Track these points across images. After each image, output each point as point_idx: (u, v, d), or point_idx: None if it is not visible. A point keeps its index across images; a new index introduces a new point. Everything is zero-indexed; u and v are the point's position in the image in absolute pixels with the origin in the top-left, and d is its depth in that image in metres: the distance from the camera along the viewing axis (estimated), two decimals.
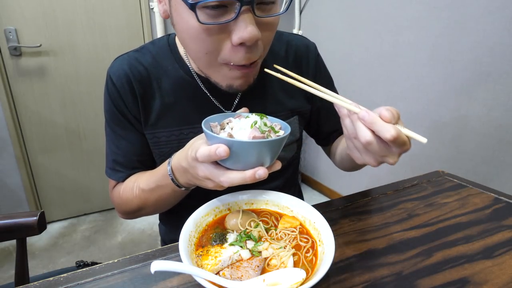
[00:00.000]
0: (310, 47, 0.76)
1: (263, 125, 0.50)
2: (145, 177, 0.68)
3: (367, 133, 0.43)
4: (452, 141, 1.53)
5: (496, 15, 1.27)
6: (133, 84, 0.66)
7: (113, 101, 0.67)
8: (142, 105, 0.67)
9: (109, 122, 0.71)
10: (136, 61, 0.67)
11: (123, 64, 0.67)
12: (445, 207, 0.67)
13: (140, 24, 2.09)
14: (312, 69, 0.75)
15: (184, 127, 0.68)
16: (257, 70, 0.60)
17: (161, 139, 0.69)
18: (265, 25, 0.53)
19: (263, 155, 0.47)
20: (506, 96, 1.30)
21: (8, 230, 0.73)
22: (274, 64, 0.67)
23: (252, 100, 0.70)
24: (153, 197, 0.66)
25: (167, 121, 0.68)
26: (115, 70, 0.67)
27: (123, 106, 0.67)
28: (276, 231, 0.52)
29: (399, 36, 1.68)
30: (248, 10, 0.48)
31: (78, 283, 0.49)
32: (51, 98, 1.99)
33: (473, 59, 1.38)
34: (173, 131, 0.68)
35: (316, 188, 2.58)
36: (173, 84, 0.67)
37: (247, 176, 0.47)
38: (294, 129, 0.75)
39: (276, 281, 0.42)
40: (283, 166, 0.76)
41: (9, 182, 2.03)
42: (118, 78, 0.66)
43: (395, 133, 0.41)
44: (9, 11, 1.78)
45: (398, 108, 0.46)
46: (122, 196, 0.71)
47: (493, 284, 0.47)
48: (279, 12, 0.53)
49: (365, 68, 1.92)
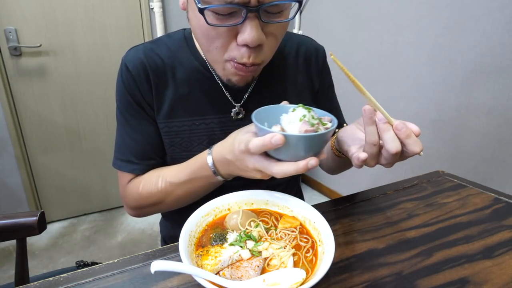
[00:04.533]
0: (319, 50, 0.79)
1: (311, 118, 0.51)
2: (173, 171, 0.67)
3: (398, 144, 0.47)
4: (452, 141, 1.53)
5: (496, 15, 1.27)
6: (148, 72, 0.67)
7: (128, 90, 0.67)
8: (156, 94, 0.68)
9: (122, 112, 0.70)
10: (151, 51, 0.68)
11: (139, 53, 0.68)
12: (445, 207, 0.67)
13: (140, 24, 2.09)
14: (319, 71, 0.78)
15: (196, 118, 0.69)
16: (257, 71, 0.62)
17: (173, 129, 0.69)
18: (273, 29, 0.55)
19: (313, 147, 0.49)
20: (506, 96, 1.30)
21: (8, 230, 0.73)
22: (284, 62, 0.72)
23: (262, 94, 0.72)
24: (180, 190, 0.66)
25: (180, 112, 0.69)
26: (131, 58, 0.67)
27: (138, 94, 0.67)
28: (276, 231, 0.52)
29: (399, 36, 1.68)
30: (254, 16, 0.50)
31: (78, 283, 0.48)
32: (51, 98, 1.99)
33: (473, 59, 1.38)
34: (185, 122, 0.69)
35: (316, 188, 2.58)
36: (188, 75, 0.68)
37: (300, 167, 0.48)
38: None
39: (276, 281, 0.42)
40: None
41: (9, 182, 2.03)
42: (134, 66, 0.66)
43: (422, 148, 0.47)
44: (9, 11, 1.78)
45: (398, 108, 0.48)
46: (142, 191, 0.69)
47: (493, 284, 0.47)
48: (286, 19, 0.55)
49: (365, 68, 1.92)
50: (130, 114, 0.69)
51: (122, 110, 0.70)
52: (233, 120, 0.71)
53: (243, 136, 0.53)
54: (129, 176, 0.72)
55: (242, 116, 0.71)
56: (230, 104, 0.70)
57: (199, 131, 0.69)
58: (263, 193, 0.58)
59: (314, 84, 0.78)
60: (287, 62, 0.75)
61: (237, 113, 0.70)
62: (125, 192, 0.72)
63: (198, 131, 0.69)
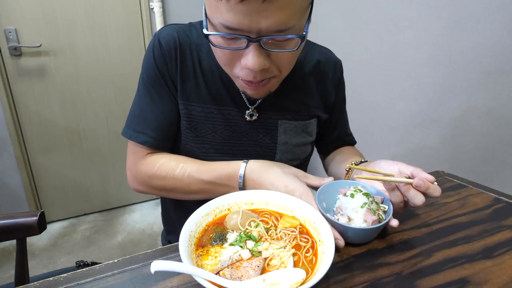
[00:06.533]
0: (337, 64, 0.81)
1: (370, 203, 0.55)
2: (196, 165, 0.68)
3: (422, 197, 0.54)
4: (452, 141, 1.53)
5: (496, 15, 1.27)
6: (178, 52, 0.68)
7: (157, 64, 0.68)
8: (180, 74, 0.69)
9: (146, 85, 0.70)
10: (184, 34, 0.70)
11: (174, 32, 0.69)
12: (445, 207, 0.67)
13: (140, 24, 2.09)
14: (335, 84, 0.80)
15: (214, 106, 0.70)
16: (273, 84, 0.62)
17: (192, 112, 0.70)
18: (280, 55, 0.55)
19: (376, 232, 0.56)
20: (506, 96, 1.30)
21: (8, 230, 0.73)
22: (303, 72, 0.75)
23: (277, 99, 0.73)
24: (197, 187, 0.67)
25: (200, 97, 0.70)
26: (166, 34, 0.68)
27: (166, 70, 0.68)
28: (276, 231, 0.52)
29: (399, 36, 1.68)
30: (257, 44, 0.51)
31: (78, 283, 0.48)
32: (51, 98, 1.99)
33: (473, 59, 1.38)
34: (204, 108, 0.70)
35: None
36: (211, 65, 0.70)
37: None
38: (312, 130, 0.79)
39: (276, 281, 0.42)
40: (295, 165, 0.78)
41: (9, 182, 2.03)
42: (167, 43, 0.68)
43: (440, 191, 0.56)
44: (9, 11, 1.78)
45: (398, 108, 0.49)
46: (158, 171, 0.69)
47: (493, 284, 0.47)
48: (291, 49, 0.54)
49: (365, 68, 1.92)
50: (154, 88, 0.70)
51: (146, 83, 0.70)
52: (246, 121, 0.72)
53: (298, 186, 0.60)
54: (140, 149, 0.71)
55: (256, 118, 0.72)
56: (245, 104, 0.71)
57: (215, 119, 0.71)
58: (263, 193, 0.58)
59: (329, 96, 0.79)
60: (306, 72, 0.76)
61: (251, 115, 0.71)
62: (136, 166, 0.71)
63: (214, 120, 0.71)
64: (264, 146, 0.74)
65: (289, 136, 0.75)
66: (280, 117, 0.73)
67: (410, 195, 0.54)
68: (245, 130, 0.72)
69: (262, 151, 0.74)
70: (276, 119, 0.73)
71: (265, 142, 0.74)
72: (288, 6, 0.47)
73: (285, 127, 0.74)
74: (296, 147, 0.77)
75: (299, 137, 0.76)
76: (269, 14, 0.47)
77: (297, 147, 0.77)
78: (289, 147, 0.76)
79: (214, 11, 0.49)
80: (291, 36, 0.51)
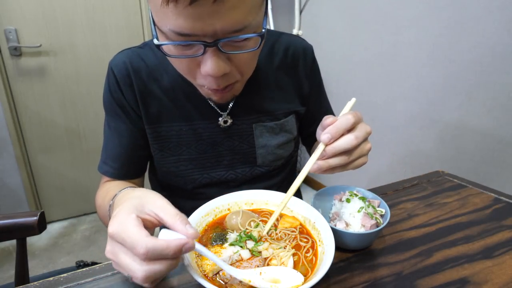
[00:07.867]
0: (307, 50, 0.76)
1: (367, 207, 0.55)
2: (110, 193, 0.62)
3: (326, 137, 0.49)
4: (452, 141, 1.53)
5: (496, 15, 1.27)
6: (132, 78, 0.67)
7: (111, 92, 0.68)
8: (141, 100, 0.67)
9: (106, 116, 0.71)
10: (138, 57, 0.68)
11: (125, 58, 0.68)
12: (445, 207, 0.67)
13: (140, 24, 2.09)
14: (307, 70, 0.76)
15: (183, 123, 0.69)
16: (237, 88, 0.61)
17: (161, 134, 0.69)
18: (239, 57, 0.52)
19: (375, 236, 0.56)
20: (506, 96, 1.30)
21: (8, 230, 0.73)
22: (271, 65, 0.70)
23: (249, 101, 0.71)
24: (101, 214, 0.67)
25: (167, 117, 0.69)
26: (117, 62, 0.68)
27: (121, 97, 0.67)
28: (276, 231, 0.52)
29: (399, 36, 1.68)
30: (215, 48, 0.48)
31: (78, 283, 0.48)
32: (51, 98, 1.99)
33: (473, 59, 1.38)
34: (173, 127, 0.69)
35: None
36: (172, 82, 0.68)
37: None
38: (292, 127, 0.76)
39: (273, 276, 0.43)
40: (280, 164, 0.77)
41: (9, 182, 2.03)
42: (119, 70, 0.67)
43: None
44: (9, 11, 1.78)
45: (398, 108, 0.48)
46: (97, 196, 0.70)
47: (493, 284, 0.47)
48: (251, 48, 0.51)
49: (365, 68, 1.92)
50: (112, 118, 0.70)
51: (106, 114, 0.71)
52: (221, 127, 0.70)
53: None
54: (104, 177, 0.73)
55: (230, 123, 0.70)
56: (217, 112, 0.69)
57: (187, 136, 0.69)
58: (263, 193, 0.58)
59: (303, 87, 0.76)
60: (274, 65, 0.72)
61: (225, 121, 0.70)
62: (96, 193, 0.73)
63: (186, 136, 0.69)
64: (242, 152, 0.73)
65: (267, 138, 0.73)
66: (255, 120, 0.71)
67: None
68: (219, 141, 0.71)
69: (241, 158, 0.73)
70: (250, 123, 0.71)
71: (242, 148, 0.72)
72: (241, 5, 0.44)
73: (261, 130, 0.72)
74: (277, 147, 0.74)
75: (278, 137, 0.74)
76: (222, 15, 0.43)
77: (278, 147, 0.74)
78: (270, 149, 0.73)
79: (162, 18, 0.45)
80: (250, 35, 0.48)
